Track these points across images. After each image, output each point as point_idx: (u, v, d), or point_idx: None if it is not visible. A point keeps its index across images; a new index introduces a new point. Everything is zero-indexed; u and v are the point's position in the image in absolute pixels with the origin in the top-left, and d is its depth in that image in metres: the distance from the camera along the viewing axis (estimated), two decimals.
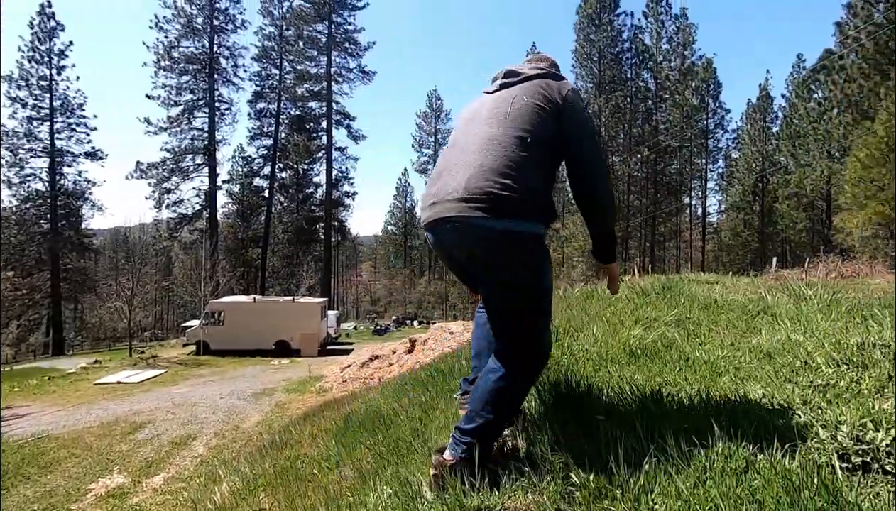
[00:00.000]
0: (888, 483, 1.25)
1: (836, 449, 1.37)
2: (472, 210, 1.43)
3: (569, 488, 1.37)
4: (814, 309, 3.76)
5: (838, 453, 1.35)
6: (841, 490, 1.16)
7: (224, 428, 9.22)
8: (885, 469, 1.30)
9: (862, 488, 1.22)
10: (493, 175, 1.45)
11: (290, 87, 41.84)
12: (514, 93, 1.66)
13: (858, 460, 1.33)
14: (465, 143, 1.61)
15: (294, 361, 19.11)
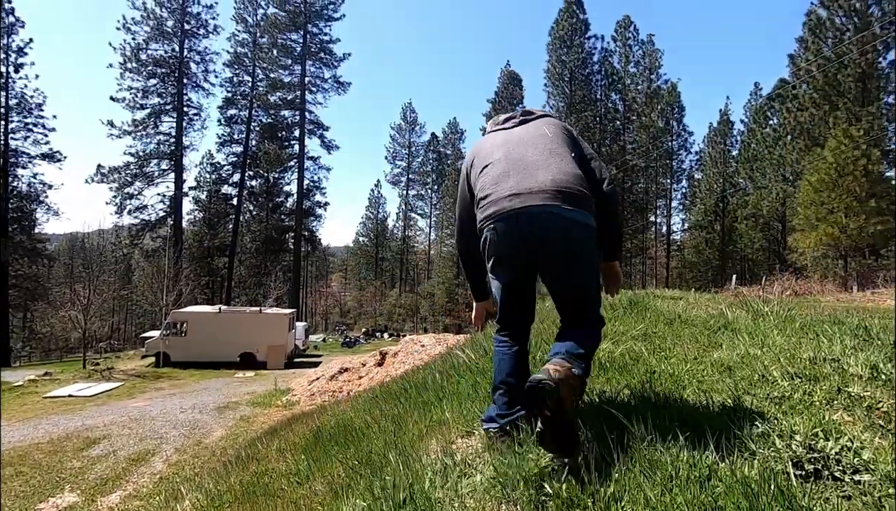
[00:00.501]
0: (837, 489, 1.34)
1: (791, 457, 1.46)
2: (566, 203, 1.68)
3: (542, 498, 1.41)
4: (770, 325, 3.95)
5: (793, 461, 1.44)
6: (795, 495, 1.24)
7: (185, 443, 8.86)
8: (834, 476, 1.39)
9: (814, 494, 1.30)
10: (573, 179, 1.74)
11: (263, 94, 41.34)
12: (541, 124, 1.99)
13: (811, 467, 1.42)
14: (521, 155, 1.83)
15: (260, 374, 18.59)
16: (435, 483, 1.67)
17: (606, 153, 38.62)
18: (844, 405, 2.00)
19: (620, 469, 1.43)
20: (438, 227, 56.46)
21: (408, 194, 58.25)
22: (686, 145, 43.65)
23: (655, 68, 40.45)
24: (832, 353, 2.78)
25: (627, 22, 40.71)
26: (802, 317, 4.41)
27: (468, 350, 4.17)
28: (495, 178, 1.81)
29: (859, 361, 2.54)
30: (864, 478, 1.36)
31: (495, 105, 43.60)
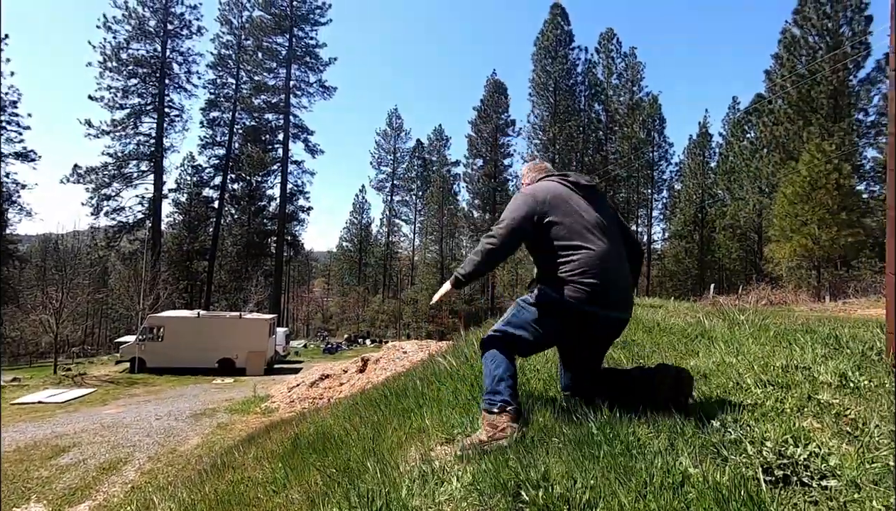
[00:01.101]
0: (805, 494, 1.37)
1: (762, 463, 1.49)
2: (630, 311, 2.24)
3: (519, 505, 1.41)
4: (746, 333, 4.04)
5: (763, 467, 1.47)
6: (764, 501, 1.26)
7: (159, 451, 8.63)
8: (802, 481, 1.42)
9: (782, 499, 1.33)
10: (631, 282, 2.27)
11: (247, 97, 40.93)
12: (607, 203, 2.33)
13: (780, 473, 1.45)
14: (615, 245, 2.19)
15: (238, 380, 18.26)
16: (412, 491, 1.66)
17: (589, 163, 39.17)
18: (814, 412, 2.05)
19: (596, 476, 1.44)
20: (423, 233, 56.43)
21: (392, 200, 58.19)
22: (666, 156, 44.54)
23: (637, 81, 41.28)
24: (804, 362, 2.85)
25: (611, 34, 41.52)
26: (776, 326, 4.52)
27: (450, 357, 4.17)
28: (600, 256, 2.06)
29: (829, 370, 2.62)
30: (831, 483, 1.39)
31: (481, 113, 43.91)
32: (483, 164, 44.87)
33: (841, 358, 2.92)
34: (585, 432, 1.79)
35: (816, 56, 25.40)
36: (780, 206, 22.76)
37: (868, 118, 26.05)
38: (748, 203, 36.40)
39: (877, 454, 1.59)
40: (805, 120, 25.51)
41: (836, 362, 2.76)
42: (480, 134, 44.04)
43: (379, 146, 57.68)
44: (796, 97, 25.94)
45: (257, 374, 19.74)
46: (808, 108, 25.68)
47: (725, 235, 39.54)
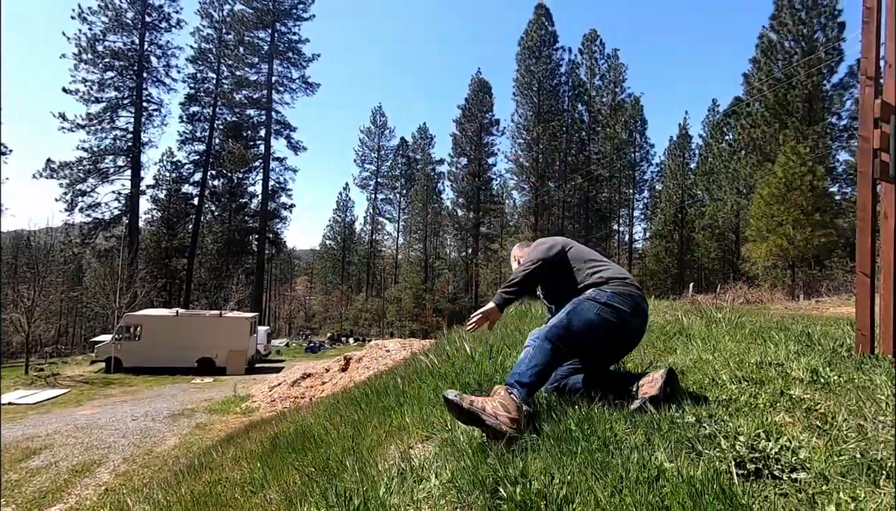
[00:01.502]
0: (775, 487, 1.39)
1: (735, 457, 1.51)
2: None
3: (496, 502, 1.41)
4: (722, 331, 4.12)
5: (736, 461, 1.49)
6: (736, 494, 1.28)
7: (135, 452, 8.45)
8: (773, 474, 1.45)
9: (754, 492, 1.36)
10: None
11: (228, 92, 40.22)
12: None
13: (752, 467, 1.47)
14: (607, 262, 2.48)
15: (218, 380, 17.98)
16: (391, 489, 1.65)
17: (572, 163, 39.52)
18: (786, 407, 2.10)
19: (573, 471, 1.45)
20: (406, 231, 56.28)
21: (376, 198, 57.89)
22: (648, 157, 45.20)
23: (619, 82, 41.78)
24: (777, 358, 2.92)
25: (594, 35, 41.91)
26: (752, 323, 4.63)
27: (432, 355, 4.16)
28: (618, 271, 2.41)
29: (801, 366, 2.68)
30: (801, 476, 1.42)
31: (465, 111, 43.93)
32: (467, 163, 44.92)
33: (813, 354, 3.00)
34: (564, 429, 1.80)
35: (792, 60, 26.01)
36: (756, 206, 23.28)
37: (841, 122, 26.79)
38: (726, 204, 37.14)
39: (844, 447, 1.63)
40: (781, 123, 26.12)
41: (808, 359, 2.83)
42: (465, 132, 44.08)
43: (363, 144, 57.34)
44: (773, 100, 26.54)
45: (238, 374, 19.47)
46: (784, 112, 26.30)
47: (704, 235, 40.30)
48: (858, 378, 2.44)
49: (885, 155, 3.03)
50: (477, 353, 3.32)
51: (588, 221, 41.10)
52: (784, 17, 26.07)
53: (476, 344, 3.77)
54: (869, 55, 3.18)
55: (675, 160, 44.62)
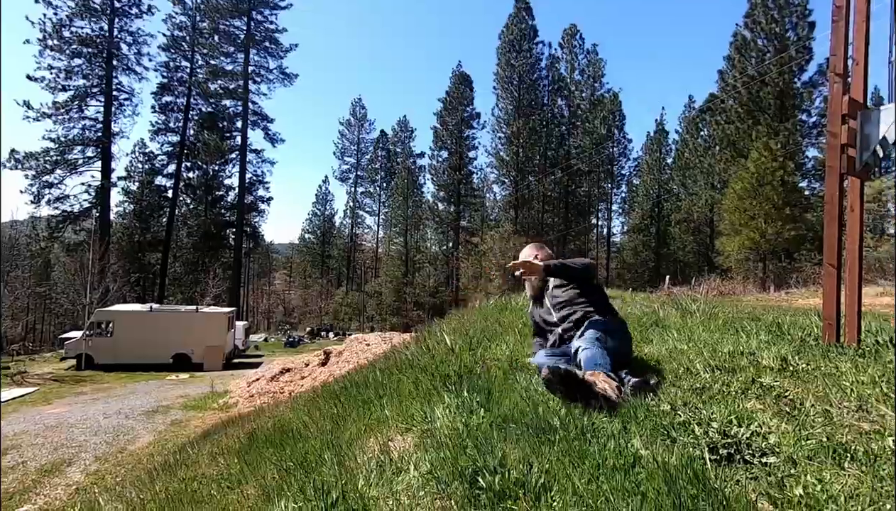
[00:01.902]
0: (746, 471, 1.43)
1: (708, 443, 1.55)
2: None
3: (475, 492, 1.41)
4: (696, 322, 4.21)
5: (709, 447, 1.53)
6: (709, 478, 1.31)
7: (108, 451, 8.24)
8: (745, 459, 1.49)
9: (726, 476, 1.39)
10: None
11: (202, 81, 39.20)
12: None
13: (725, 452, 1.51)
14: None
15: (195, 376, 17.66)
16: (370, 481, 1.64)
17: (552, 157, 39.77)
18: (757, 394, 2.15)
19: (551, 460, 1.46)
20: (387, 225, 55.97)
21: (356, 191, 57.35)
22: (626, 152, 45.80)
23: (599, 77, 42.13)
24: (749, 348, 3.00)
25: (574, 30, 42.12)
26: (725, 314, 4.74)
27: (412, 347, 4.15)
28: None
29: (772, 354, 2.75)
30: (770, 460, 1.47)
31: (446, 105, 43.76)
32: (448, 157, 44.81)
33: (782, 343, 3.09)
34: (542, 418, 1.82)
35: (765, 58, 26.62)
36: (729, 201, 23.85)
37: (810, 119, 27.57)
38: (701, 198, 37.94)
39: (811, 432, 1.68)
40: (754, 119, 26.75)
41: (778, 348, 2.91)
42: (446, 126, 43.92)
43: (342, 136, 56.69)
44: (746, 97, 27.14)
45: (215, 370, 19.15)
46: (757, 108, 26.93)
47: (680, 229, 41.13)
48: (825, 366, 2.52)
49: (851, 150, 3.12)
50: (457, 345, 3.33)
51: (567, 215, 41.51)
52: (757, 16, 26.63)
53: (457, 336, 3.77)
54: (838, 53, 3.26)
55: (652, 155, 45.37)
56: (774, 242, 21.92)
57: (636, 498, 1.24)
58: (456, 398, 2.19)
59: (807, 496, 1.26)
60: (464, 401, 2.14)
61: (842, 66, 3.21)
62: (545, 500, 1.30)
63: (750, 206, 22.35)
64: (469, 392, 2.24)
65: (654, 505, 1.20)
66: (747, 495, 1.30)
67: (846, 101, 3.12)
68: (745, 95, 27.16)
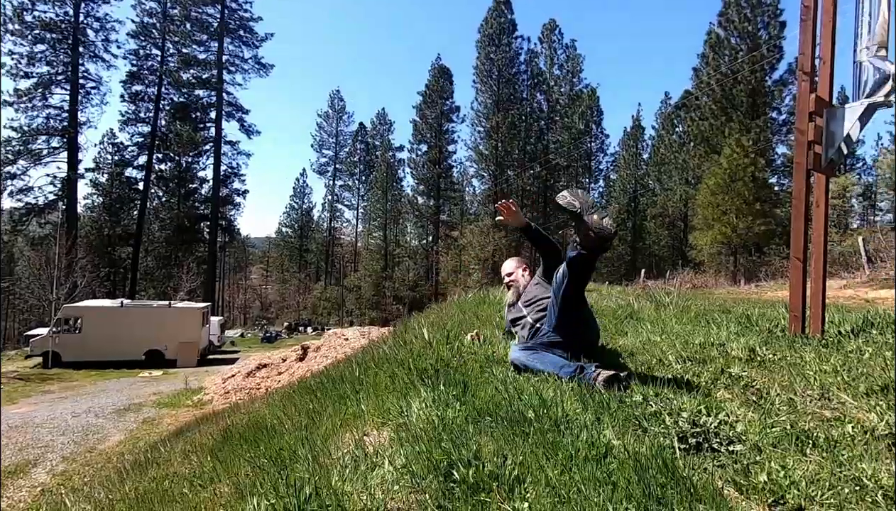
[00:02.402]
0: (714, 459, 1.47)
1: (678, 432, 1.58)
2: None
3: (450, 485, 1.41)
4: (670, 314, 4.30)
5: (679, 436, 1.56)
6: (678, 467, 1.34)
7: (76, 451, 8.00)
8: (713, 447, 1.52)
9: (694, 464, 1.42)
10: None
11: (174, 70, 38.03)
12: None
13: (694, 441, 1.54)
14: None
15: (168, 373, 17.27)
16: (344, 476, 1.62)
17: (531, 151, 39.97)
18: (726, 384, 2.21)
19: (525, 452, 1.47)
20: (366, 219, 55.54)
21: (334, 184, 56.68)
22: (603, 148, 46.37)
23: (577, 72, 42.44)
24: (719, 339, 3.07)
25: (553, 25, 42.30)
26: (697, 307, 4.85)
27: (390, 342, 4.13)
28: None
29: (740, 345, 2.83)
30: (737, 447, 1.51)
31: (426, 98, 43.52)
32: (428, 150, 44.62)
33: (751, 335, 3.18)
34: (517, 411, 1.83)
35: (738, 56, 27.22)
36: (703, 196, 24.40)
37: (780, 117, 28.35)
38: (676, 193, 38.71)
39: (776, 419, 1.73)
40: (727, 116, 27.36)
41: (747, 339, 3.00)
42: (425, 119, 43.70)
43: (320, 128, 55.86)
44: (720, 95, 27.73)
45: (189, 366, 18.76)
46: (730, 106, 27.55)
47: (655, 224, 41.93)
48: (790, 356, 2.60)
49: (818, 147, 3.22)
50: (434, 339, 3.32)
51: (546, 209, 41.84)
52: (731, 14, 27.18)
53: (434, 330, 3.77)
54: (806, 52, 3.35)
55: (629, 151, 46.06)
56: (745, 237, 22.54)
57: (607, 487, 1.26)
58: (432, 392, 2.19)
59: (770, 482, 1.30)
60: (440, 394, 2.14)
61: (809, 65, 3.30)
62: (518, 491, 1.30)
63: (722, 201, 22.91)
64: (445, 385, 2.23)
65: (624, 494, 1.22)
66: (714, 482, 1.33)
67: (813, 99, 3.20)
68: (718, 93, 27.75)
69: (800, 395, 2.03)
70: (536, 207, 41.71)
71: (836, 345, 2.79)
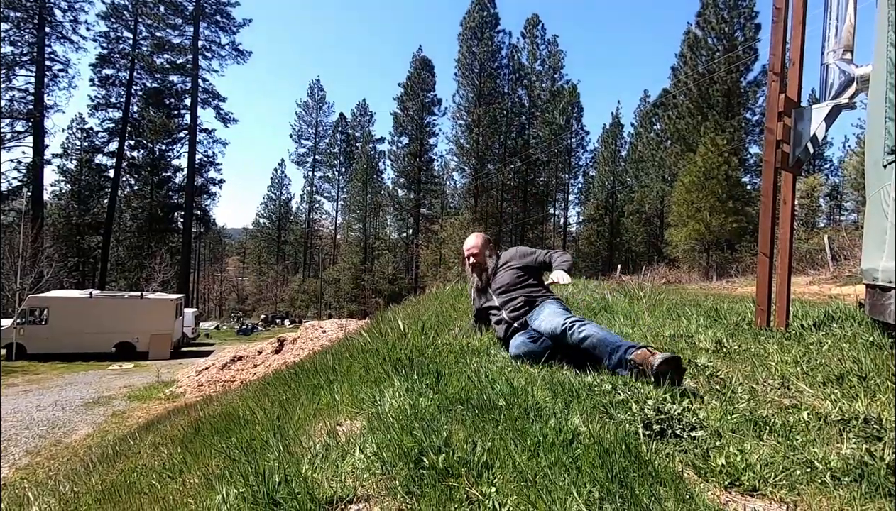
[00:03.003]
0: (676, 444, 1.51)
1: (643, 419, 1.62)
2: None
3: (420, 471, 1.42)
4: (643, 308, 4.40)
5: (644, 423, 1.60)
6: (641, 452, 1.38)
7: (40, 444, 7.76)
8: (676, 433, 1.57)
9: (657, 449, 1.46)
10: None
11: (147, 55, 36.86)
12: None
13: (658, 427, 1.59)
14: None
15: (139, 365, 16.89)
16: (315, 464, 1.62)
17: (512, 146, 40.13)
18: (692, 374, 2.28)
19: (494, 439, 1.49)
20: (346, 211, 55.01)
21: (314, 175, 55.93)
22: (583, 144, 46.81)
23: (558, 68, 42.68)
24: (688, 331, 3.16)
25: (536, 20, 42.37)
26: (669, 301, 4.97)
27: (365, 333, 4.12)
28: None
29: (708, 337, 2.92)
30: (699, 433, 1.56)
31: (407, 90, 43.21)
32: (408, 143, 44.39)
33: (719, 327, 3.27)
34: (488, 399, 1.85)
35: (714, 57, 27.77)
36: (678, 193, 24.92)
37: (754, 117, 29.08)
38: (652, 190, 39.41)
39: (737, 407, 1.79)
40: (703, 115, 27.94)
41: (714, 331, 3.09)
42: (406, 111, 43.40)
43: (300, 118, 54.95)
44: (696, 94, 28.29)
45: (162, 359, 18.37)
46: (706, 105, 28.13)
47: (633, 220, 42.63)
48: (755, 347, 2.70)
49: (786, 146, 3.32)
50: (410, 330, 3.33)
51: (526, 204, 42.13)
52: (708, 15, 27.69)
53: (410, 322, 3.77)
54: (777, 52, 3.44)
55: (608, 147, 46.65)
56: (718, 234, 23.13)
57: (572, 471, 1.28)
58: (406, 381, 2.19)
59: (728, 465, 1.35)
60: (413, 383, 2.15)
61: (779, 66, 3.39)
62: (486, 476, 1.32)
63: (696, 198, 23.44)
64: (419, 375, 2.24)
65: (588, 477, 1.25)
66: (675, 466, 1.37)
67: (782, 99, 3.29)
68: (695, 92, 28.30)
69: (761, 384, 2.11)
70: (516, 201, 41.97)
71: (798, 337, 2.89)
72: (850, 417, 1.64)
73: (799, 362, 2.34)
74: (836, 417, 1.66)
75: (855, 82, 3.04)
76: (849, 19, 3.15)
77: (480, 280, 3.10)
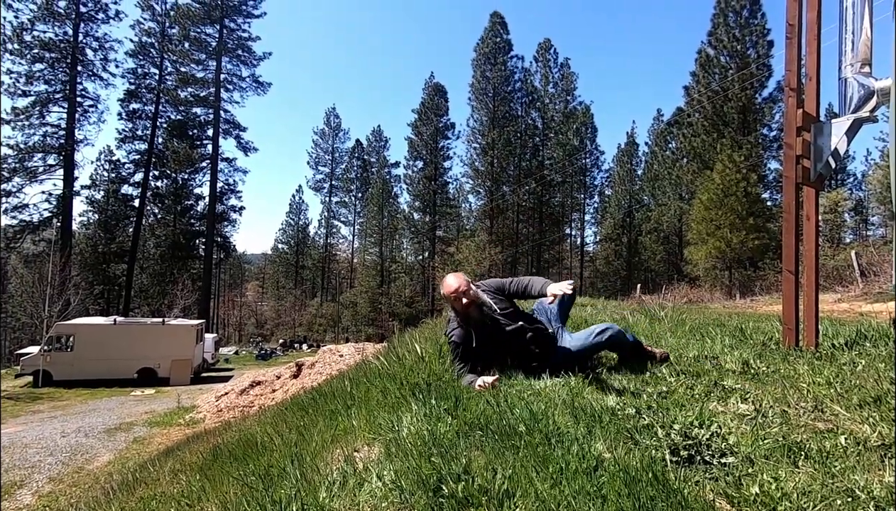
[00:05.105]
0: (706, 471, 1.45)
1: (669, 445, 1.56)
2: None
3: (439, 500, 1.39)
4: (665, 328, 4.30)
5: (671, 449, 1.54)
6: (669, 480, 1.32)
7: (63, 471, 7.83)
8: (705, 460, 1.51)
9: (686, 477, 1.40)
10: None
11: (172, 89, 38.34)
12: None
13: (686, 453, 1.53)
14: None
15: (161, 391, 17.04)
16: (332, 492, 1.59)
17: (526, 167, 40.32)
18: (719, 397, 2.20)
19: (515, 466, 1.45)
20: (362, 235, 55.55)
21: (330, 201, 56.82)
22: (598, 163, 46.79)
23: (571, 90, 43.07)
24: (713, 352, 3.07)
25: (548, 45, 43.03)
26: (692, 321, 4.85)
27: (382, 357, 4.10)
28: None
29: (734, 358, 2.82)
30: (729, 460, 1.49)
31: (421, 115, 43.96)
32: (423, 167, 44.92)
33: (745, 348, 3.17)
34: (508, 424, 1.80)
35: (728, 74, 27.71)
36: (697, 211, 24.58)
37: (771, 133, 28.77)
38: (670, 208, 39.00)
39: (768, 432, 1.72)
40: (718, 133, 27.74)
41: (741, 352, 2.99)
42: (420, 136, 44.07)
43: (316, 145, 56.18)
44: (711, 112, 28.15)
45: (183, 384, 18.53)
46: (721, 122, 27.95)
47: (651, 239, 42.11)
48: (784, 368, 2.60)
49: (806, 161, 3.26)
50: (427, 353, 3.30)
51: (542, 225, 42.02)
52: (720, 34, 27.74)
53: (427, 345, 3.74)
54: (792, 68, 3.41)
55: (624, 166, 46.50)
56: (739, 251, 22.65)
57: (597, 500, 1.24)
58: (423, 406, 2.16)
59: (762, 494, 1.28)
60: (431, 408, 2.11)
61: (796, 81, 3.36)
62: (508, 505, 1.28)
63: (716, 216, 23.09)
64: (437, 400, 2.21)
65: (614, 507, 1.20)
66: (705, 495, 1.31)
67: (800, 115, 3.25)
68: (709, 110, 28.17)
69: (793, 407, 2.02)
70: (532, 223, 41.91)
71: (829, 357, 2.78)
72: (892, 442, 1.55)
73: (832, 384, 2.24)
74: (876, 442, 1.58)
75: (875, 95, 2.98)
76: (865, 32, 3.12)
77: (481, 312, 2.69)
